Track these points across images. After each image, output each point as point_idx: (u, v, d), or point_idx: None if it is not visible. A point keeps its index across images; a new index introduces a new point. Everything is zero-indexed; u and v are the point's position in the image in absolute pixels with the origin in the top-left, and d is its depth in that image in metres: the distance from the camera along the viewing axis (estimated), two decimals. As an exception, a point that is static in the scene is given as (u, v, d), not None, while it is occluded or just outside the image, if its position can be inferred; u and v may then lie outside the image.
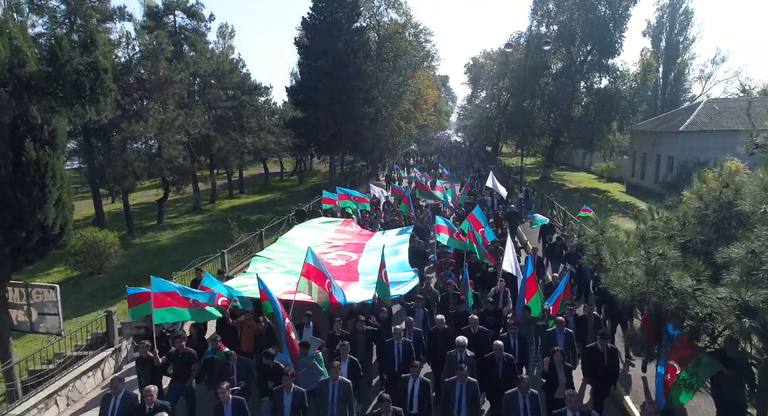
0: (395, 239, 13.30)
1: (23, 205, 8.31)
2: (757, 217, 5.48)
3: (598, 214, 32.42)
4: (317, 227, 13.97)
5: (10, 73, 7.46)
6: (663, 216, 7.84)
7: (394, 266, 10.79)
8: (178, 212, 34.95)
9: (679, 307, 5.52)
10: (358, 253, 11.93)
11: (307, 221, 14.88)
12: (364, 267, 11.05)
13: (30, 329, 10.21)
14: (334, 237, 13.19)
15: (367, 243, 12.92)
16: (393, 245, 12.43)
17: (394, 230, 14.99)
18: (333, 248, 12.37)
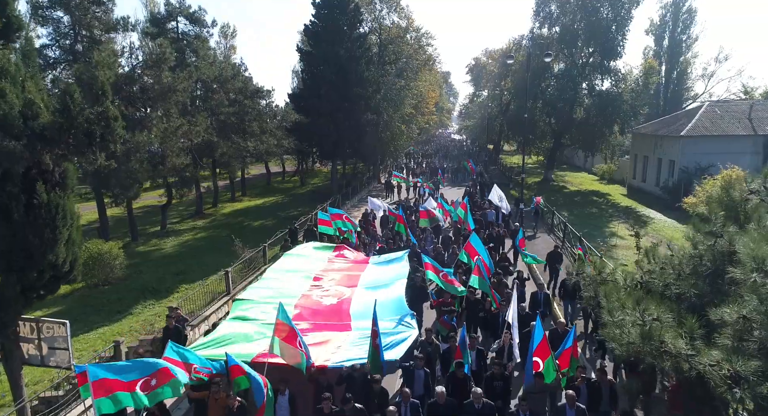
0: (391, 270, 12.15)
1: (35, 246, 8.53)
2: (748, 286, 5.66)
3: (598, 219, 32.82)
4: (307, 256, 12.90)
5: (24, 125, 7.65)
6: (660, 261, 8.00)
7: (389, 307, 9.68)
8: (180, 216, 35.19)
9: (674, 368, 5.72)
10: (351, 287, 10.96)
11: (299, 246, 13.75)
12: (357, 308, 9.89)
13: (41, 362, 10.46)
14: (325, 269, 12.18)
15: (361, 276, 11.81)
16: (389, 280, 11.39)
17: (390, 254, 13.94)
18: (324, 281, 11.43)
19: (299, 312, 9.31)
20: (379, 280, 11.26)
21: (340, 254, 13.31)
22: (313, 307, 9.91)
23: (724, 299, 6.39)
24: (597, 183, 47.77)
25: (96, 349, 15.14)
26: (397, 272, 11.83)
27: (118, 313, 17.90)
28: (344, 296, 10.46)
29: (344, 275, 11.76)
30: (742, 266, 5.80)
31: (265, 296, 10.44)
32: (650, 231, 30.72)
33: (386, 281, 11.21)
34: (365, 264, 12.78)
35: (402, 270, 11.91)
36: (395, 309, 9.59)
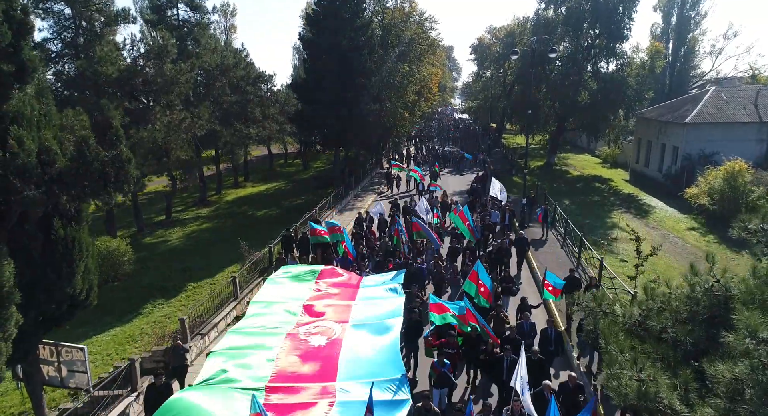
0: (386, 304, 10.67)
1: (53, 281, 8.84)
2: (741, 351, 5.93)
3: (600, 208, 33.00)
4: (293, 284, 11.39)
5: (41, 171, 7.84)
6: (658, 300, 8.26)
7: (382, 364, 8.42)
8: (185, 204, 35.47)
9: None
10: (341, 323, 9.73)
11: (282, 270, 12.15)
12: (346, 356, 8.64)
13: (60, 384, 10.93)
14: (312, 298, 10.82)
15: (352, 308, 10.49)
16: (383, 315, 10.07)
17: (384, 276, 12.51)
18: (312, 315, 10.13)
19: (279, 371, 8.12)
20: (372, 315, 10.06)
21: (328, 276, 11.89)
22: (298, 354, 8.59)
23: (719, 349, 6.69)
24: (600, 167, 47.74)
25: (109, 354, 15.67)
26: (392, 306, 10.45)
27: (128, 313, 18.36)
28: (334, 335, 9.32)
29: (333, 306, 10.54)
30: (736, 332, 6.04)
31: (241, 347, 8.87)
32: (651, 222, 30.98)
33: (380, 316, 10.02)
34: (356, 290, 11.43)
35: (397, 303, 10.56)
36: (388, 366, 8.31)
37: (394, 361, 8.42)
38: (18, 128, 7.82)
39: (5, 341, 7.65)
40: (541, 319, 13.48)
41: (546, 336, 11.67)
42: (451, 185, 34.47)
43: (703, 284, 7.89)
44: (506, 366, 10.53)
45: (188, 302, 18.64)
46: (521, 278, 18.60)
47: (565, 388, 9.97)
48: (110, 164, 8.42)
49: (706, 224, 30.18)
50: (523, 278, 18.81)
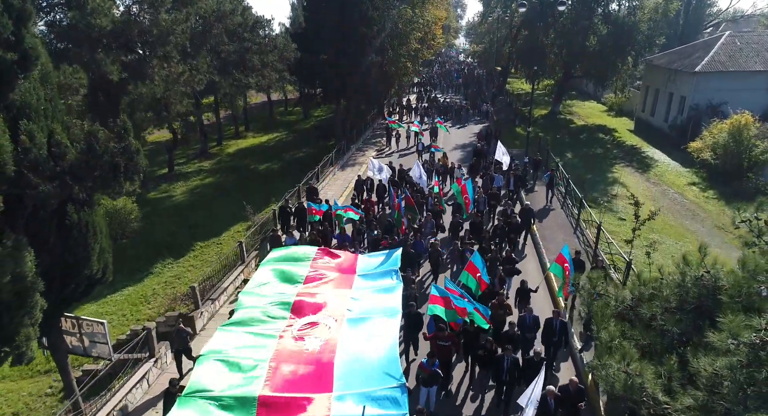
0: (384, 295, 10.03)
1: (71, 265, 9.21)
2: (724, 348, 6.34)
3: (602, 161, 32.95)
4: (287, 270, 10.69)
5: (54, 164, 7.96)
6: (649, 286, 8.63)
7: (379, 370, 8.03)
8: (186, 157, 35.44)
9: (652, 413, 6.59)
10: (337, 318, 9.24)
11: (278, 252, 11.42)
12: (342, 362, 8.21)
13: (83, 353, 11.60)
14: (306, 286, 10.25)
15: (349, 299, 9.87)
16: (381, 315, 9.37)
17: (379, 259, 11.59)
18: (306, 308, 9.59)
19: (271, 381, 7.78)
20: (369, 309, 9.54)
21: (322, 260, 11.21)
22: (292, 361, 8.17)
23: (704, 340, 7.13)
24: (605, 115, 47.09)
25: (125, 314, 16.42)
26: (390, 300, 9.81)
27: (139, 272, 19.00)
28: (329, 334, 8.78)
29: (328, 297, 9.91)
30: (719, 332, 6.43)
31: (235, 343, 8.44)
32: (652, 176, 31.07)
33: (377, 310, 9.46)
34: (353, 276, 10.82)
35: (395, 295, 9.94)
36: (386, 375, 7.88)
37: (392, 369, 7.93)
38: (28, 122, 7.86)
39: (33, 326, 8.14)
40: (546, 308, 13.64)
41: (551, 328, 11.38)
42: (454, 138, 34.16)
43: (694, 274, 8.23)
44: (506, 367, 10.26)
45: (197, 262, 19.24)
46: (524, 251, 17.93)
47: (565, 392, 9.71)
48: (120, 155, 8.53)
49: (707, 179, 30.30)
50: (526, 252, 17.94)
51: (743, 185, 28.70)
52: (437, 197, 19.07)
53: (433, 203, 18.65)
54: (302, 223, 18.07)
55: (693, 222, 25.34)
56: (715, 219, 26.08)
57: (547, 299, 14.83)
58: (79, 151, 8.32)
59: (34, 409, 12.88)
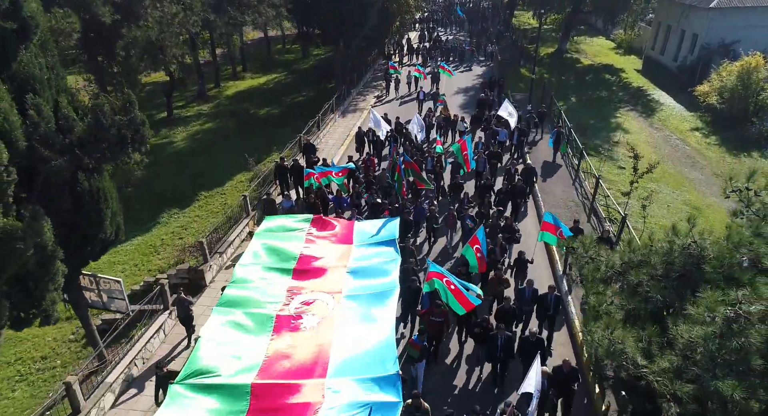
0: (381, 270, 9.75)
1: (85, 229, 9.60)
2: (699, 321, 6.83)
3: (606, 105, 32.46)
4: (282, 242, 10.33)
5: (63, 137, 8.10)
6: (639, 253, 9.04)
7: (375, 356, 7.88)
8: (185, 99, 34.90)
9: (632, 376, 7.24)
10: (335, 294, 9.08)
11: (273, 222, 10.97)
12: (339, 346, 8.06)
13: (102, 307, 12.31)
14: (303, 260, 9.93)
15: (346, 274, 9.63)
16: (378, 291, 9.17)
17: (375, 226, 11.21)
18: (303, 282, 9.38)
19: (267, 364, 7.67)
20: (367, 284, 9.32)
21: (318, 230, 10.83)
22: (288, 342, 8.09)
23: (685, 308, 7.65)
24: (613, 54, 45.69)
25: (136, 264, 17.09)
26: (387, 276, 9.57)
27: (147, 222, 19.50)
28: (326, 312, 8.67)
29: (325, 271, 9.72)
30: (697, 306, 6.91)
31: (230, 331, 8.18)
32: (656, 121, 30.79)
33: (375, 287, 9.27)
34: (350, 246, 10.51)
35: (393, 270, 9.69)
36: (382, 362, 7.75)
37: (388, 357, 7.79)
38: (34, 95, 7.92)
39: (56, 290, 8.67)
40: (545, 278, 13.72)
41: (545, 302, 11.32)
42: (458, 82, 33.41)
43: (681, 243, 8.61)
44: (500, 344, 10.26)
45: (202, 212, 19.68)
46: (526, 213, 17.61)
47: (559, 372, 9.71)
48: (126, 127, 8.64)
49: (711, 124, 30.06)
50: (528, 215, 17.56)
51: (747, 131, 28.55)
52: (439, 157, 17.99)
53: (433, 164, 17.72)
54: (300, 181, 17.60)
55: (692, 170, 25.51)
56: (715, 167, 26.22)
57: (548, 269, 14.61)
58: (86, 124, 8.44)
59: (60, 354, 13.83)
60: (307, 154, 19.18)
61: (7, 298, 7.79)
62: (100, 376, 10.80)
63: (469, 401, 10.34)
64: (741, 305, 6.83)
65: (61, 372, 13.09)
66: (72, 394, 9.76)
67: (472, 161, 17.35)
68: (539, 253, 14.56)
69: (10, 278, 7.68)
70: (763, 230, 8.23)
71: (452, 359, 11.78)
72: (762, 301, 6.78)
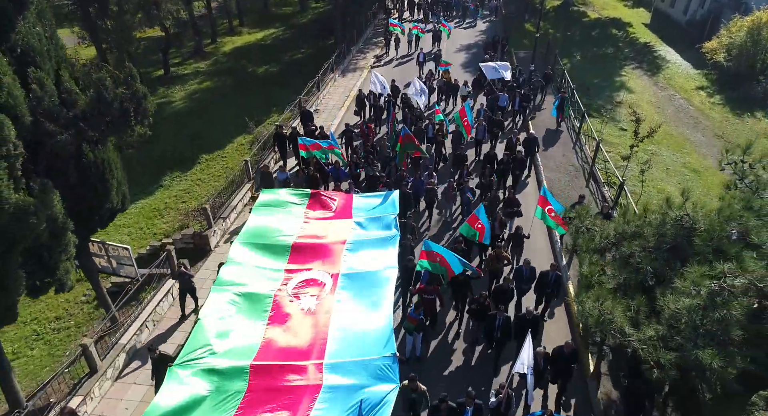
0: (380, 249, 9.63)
1: (92, 200, 9.81)
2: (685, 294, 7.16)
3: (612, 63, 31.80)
4: (280, 218, 10.26)
5: (67, 111, 8.16)
6: (632, 225, 9.28)
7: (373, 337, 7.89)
8: (181, 56, 34.19)
9: (619, 343, 7.66)
10: (333, 273, 9.02)
11: (271, 195, 10.76)
12: (336, 327, 8.08)
13: (112, 272, 12.69)
14: (301, 237, 9.81)
15: (345, 252, 9.51)
16: (377, 271, 9.08)
17: (375, 200, 11.06)
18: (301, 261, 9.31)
19: (265, 346, 7.71)
20: (365, 264, 9.25)
21: (316, 206, 10.70)
22: (286, 324, 8.10)
23: (673, 280, 7.98)
24: (621, 5, 44.35)
25: (141, 228, 17.43)
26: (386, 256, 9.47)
27: (150, 185, 19.68)
28: (324, 292, 8.65)
29: (324, 249, 9.59)
30: (684, 280, 7.22)
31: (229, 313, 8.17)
32: (661, 80, 30.31)
33: (373, 267, 9.18)
34: (349, 221, 10.37)
35: (391, 249, 9.60)
36: (379, 344, 7.76)
37: (385, 340, 7.80)
38: (36, 69, 7.92)
39: (69, 260, 8.99)
40: (546, 256, 13.65)
41: (545, 280, 11.30)
42: (460, 39, 32.52)
43: (674, 215, 8.84)
44: (498, 325, 10.28)
45: (203, 175, 19.83)
46: (527, 183, 17.32)
47: (559, 353, 9.68)
48: (129, 100, 8.67)
49: (717, 83, 29.63)
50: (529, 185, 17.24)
51: (752, 90, 28.19)
52: (439, 125, 17.35)
53: (434, 132, 17.21)
54: (298, 149, 16.64)
55: (694, 132, 25.42)
56: (717, 128, 26.09)
57: (547, 246, 14.42)
58: (88, 97, 8.48)
59: (73, 314, 14.40)
60: (305, 122, 18.79)
61: (24, 269, 8.12)
62: (113, 338, 11.33)
63: (465, 379, 10.48)
64: (726, 278, 7.17)
65: (75, 332, 13.69)
66: (89, 355, 10.29)
67: (472, 127, 17.14)
68: (539, 228, 14.26)
69: (25, 250, 7.98)
70: (754, 204, 8.48)
71: (448, 337, 11.77)
72: (746, 275, 7.11)
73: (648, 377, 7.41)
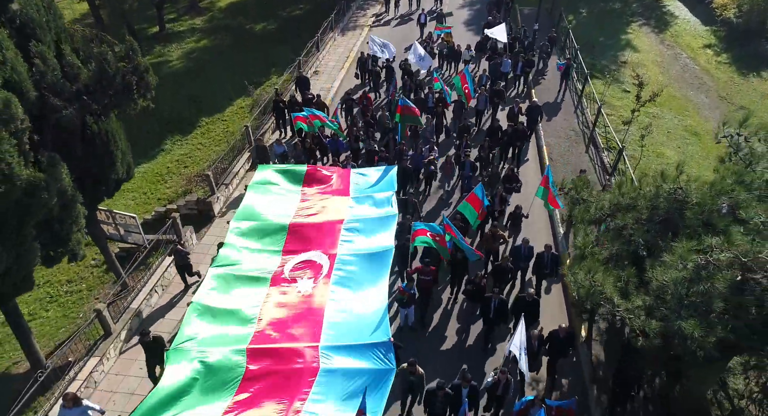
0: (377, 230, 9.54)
1: (98, 171, 10.00)
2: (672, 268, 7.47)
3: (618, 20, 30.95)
4: (277, 196, 10.18)
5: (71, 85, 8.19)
6: (627, 197, 9.50)
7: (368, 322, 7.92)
8: (176, 12, 33.24)
9: (607, 312, 8.06)
10: (330, 255, 8.98)
11: (266, 172, 10.58)
12: (332, 311, 8.11)
13: (120, 239, 13.02)
14: (299, 216, 9.76)
15: (342, 232, 9.43)
16: (374, 251, 9.05)
17: (373, 175, 10.94)
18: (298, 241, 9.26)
19: (262, 329, 7.75)
20: (363, 244, 9.24)
21: (314, 183, 10.57)
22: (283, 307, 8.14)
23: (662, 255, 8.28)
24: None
25: (145, 192, 17.66)
26: (383, 237, 9.38)
27: (151, 149, 19.73)
28: (321, 274, 8.63)
29: (321, 229, 9.53)
30: (671, 253, 7.53)
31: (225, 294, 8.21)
32: (667, 37, 29.65)
33: (370, 248, 9.17)
34: (347, 198, 10.28)
35: (389, 230, 9.52)
36: (375, 329, 7.78)
37: (381, 324, 7.81)
38: (38, 43, 7.90)
39: (80, 231, 9.28)
40: (544, 235, 13.53)
41: (541, 260, 11.33)
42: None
43: (668, 188, 9.05)
44: (494, 307, 10.35)
45: (204, 140, 19.85)
46: (527, 156, 16.88)
47: (554, 337, 9.74)
48: (131, 74, 8.68)
49: (725, 40, 29.02)
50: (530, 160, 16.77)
51: (761, 47, 27.71)
52: (440, 95, 16.66)
53: (434, 101, 16.63)
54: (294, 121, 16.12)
55: (698, 93, 25.17)
56: (722, 89, 25.82)
57: (547, 226, 14.29)
58: (90, 71, 8.50)
59: (84, 278, 14.88)
60: (302, 89, 18.33)
61: (37, 240, 8.42)
62: (125, 302, 11.82)
63: (460, 361, 10.56)
64: (713, 252, 7.47)
65: (87, 294, 14.21)
66: (103, 319, 10.79)
67: (473, 92, 16.67)
68: (538, 208, 13.89)
69: (38, 223, 8.24)
70: (745, 178, 8.66)
71: (443, 315, 11.82)
72: (732, 249, 7.40)
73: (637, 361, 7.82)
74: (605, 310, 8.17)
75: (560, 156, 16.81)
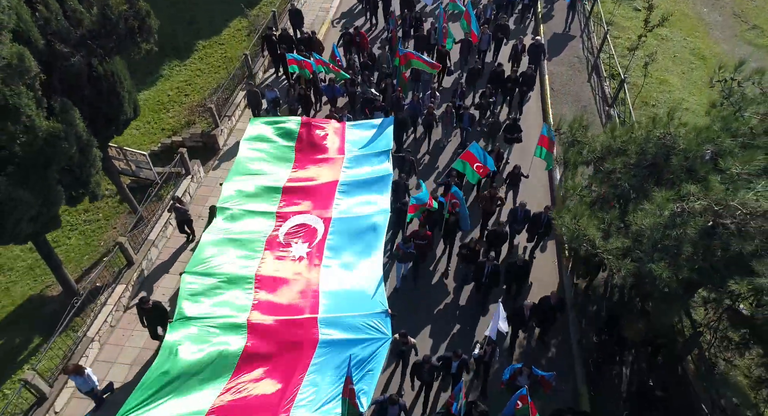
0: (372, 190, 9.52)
1: (107, 112, 10.30)
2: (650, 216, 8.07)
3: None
4: (272, 156, 10.04)
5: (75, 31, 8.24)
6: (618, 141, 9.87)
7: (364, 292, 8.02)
8: None
9: (589, 253, 8.82)
10: (325, 218, 8.94)
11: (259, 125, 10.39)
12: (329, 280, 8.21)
13: (132, 174, 13.55)
14: (293, 176, 9.67)
15: (337, 193, 9.38)
16: (368, 217, 9.01)
17: (370, 130, 10.72)
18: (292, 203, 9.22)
19: (260, 300, 7.82)
20: (357, 207, 9.19)
21: (308, 139, 10.31)
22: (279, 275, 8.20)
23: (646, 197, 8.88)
24: None
25: (149, 122, 17.81)
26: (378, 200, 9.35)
27: (150, 75, 19.49)
28: (316, 238, 8.62)
29: (316, 189, 9.43)
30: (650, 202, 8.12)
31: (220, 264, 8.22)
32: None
33: (365, 211, 9.12)
34: (341, 157, 10.09)
35: (383, 194, 9.47)
36: (371, 299, 7.89)
37: (377, 295, 7.94)
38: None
39: (98, 173, 9.81)
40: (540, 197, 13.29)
41: (538, 221, 11.41)
42: None
43: (658, 133, 9.43)
44: (487, 272, 10.48)
45: (202, 65, 19.54)
46: (529, 98, 16.22)
47: (545, 304, 9.93)
48: (133, 18, 8.67)
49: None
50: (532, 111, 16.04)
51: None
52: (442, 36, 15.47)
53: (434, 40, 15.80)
54: (291, 51, 15.69)
55: (711, 10, 24.22)
56: (737, 5, 24.79)
57: (545, 188, 14.08)
58: (93, 15, 8.53)
59: (99, 208, 15.60)
60: (295, 25, 17.36)
61: (61, 184, 9.00)
62: (143, 234, 12.65)
63: (454, 319, 10.94)
64: (689, 200, 8.06)
65: (105, 224, 15.01)
66: (125, 251, 11.68)
67: (476, 29, 15.53)
68: (537, 168, 13.48)
69: (60, 168, 8.76)
70: (732, 124, 9.02)
71: (437, 276, 11.95)
72: (708, 197, 7.98)
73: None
74: (587, 250, 8.91)
75: (562, 86, 16.77)
